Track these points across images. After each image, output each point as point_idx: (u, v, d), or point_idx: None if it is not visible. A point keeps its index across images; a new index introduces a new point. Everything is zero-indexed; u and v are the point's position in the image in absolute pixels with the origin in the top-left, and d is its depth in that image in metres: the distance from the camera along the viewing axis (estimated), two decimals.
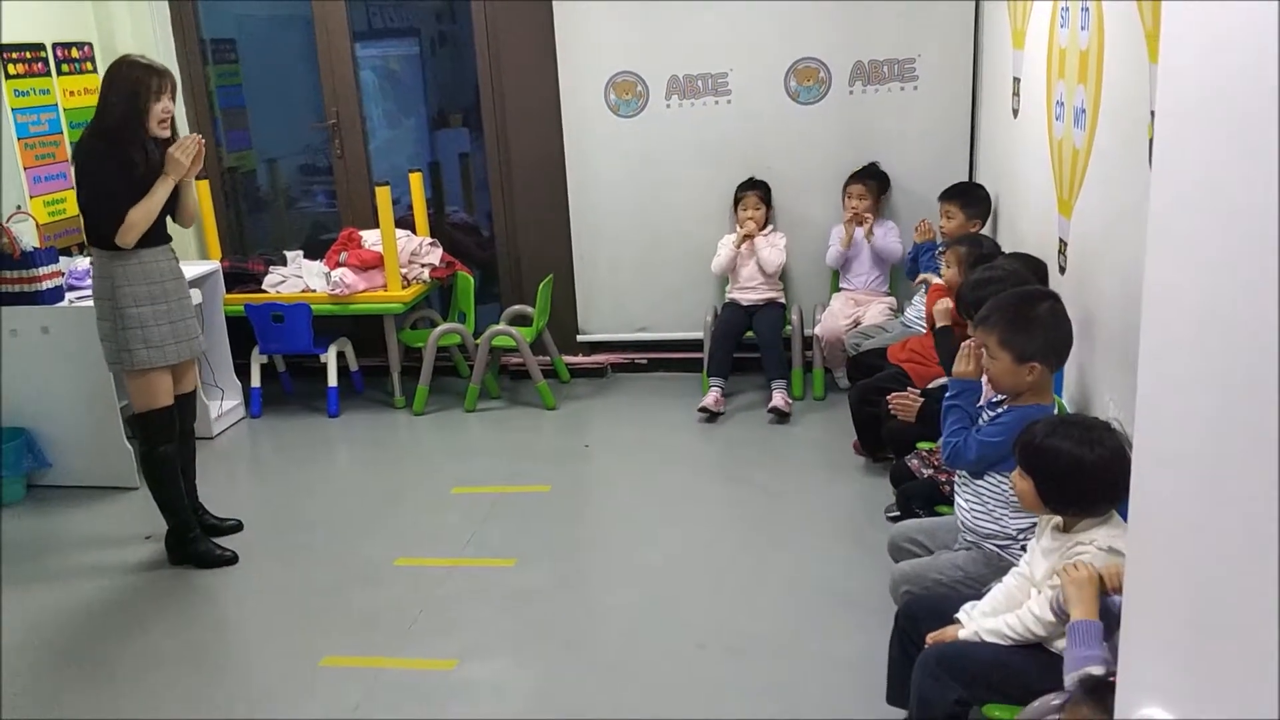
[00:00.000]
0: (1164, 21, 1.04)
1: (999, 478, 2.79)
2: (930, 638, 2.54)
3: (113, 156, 3.75)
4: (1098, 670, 1.93)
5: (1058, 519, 2.42)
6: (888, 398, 3.82)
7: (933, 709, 2.39)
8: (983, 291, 3.14)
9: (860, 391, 4.49)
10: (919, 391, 3.89)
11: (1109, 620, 2.05)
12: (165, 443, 4.00)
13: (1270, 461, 0.82)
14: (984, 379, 3.02)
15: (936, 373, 4.10)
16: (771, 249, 5.42)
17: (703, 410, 5.27)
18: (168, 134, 3.83)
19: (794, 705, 3.08)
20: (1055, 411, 2.82)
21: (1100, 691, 1.74)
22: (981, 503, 2.86)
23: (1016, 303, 2.87)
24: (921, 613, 2.69)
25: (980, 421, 2.95)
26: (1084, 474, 2.29)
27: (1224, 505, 0.91)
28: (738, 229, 5.48)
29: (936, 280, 4.39)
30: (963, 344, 3.06)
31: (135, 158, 3.76)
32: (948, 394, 3.04)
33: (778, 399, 5.19)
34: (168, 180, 3.81)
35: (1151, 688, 1.02)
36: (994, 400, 2.95)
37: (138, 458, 4.10)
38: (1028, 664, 2.35)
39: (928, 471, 3.54)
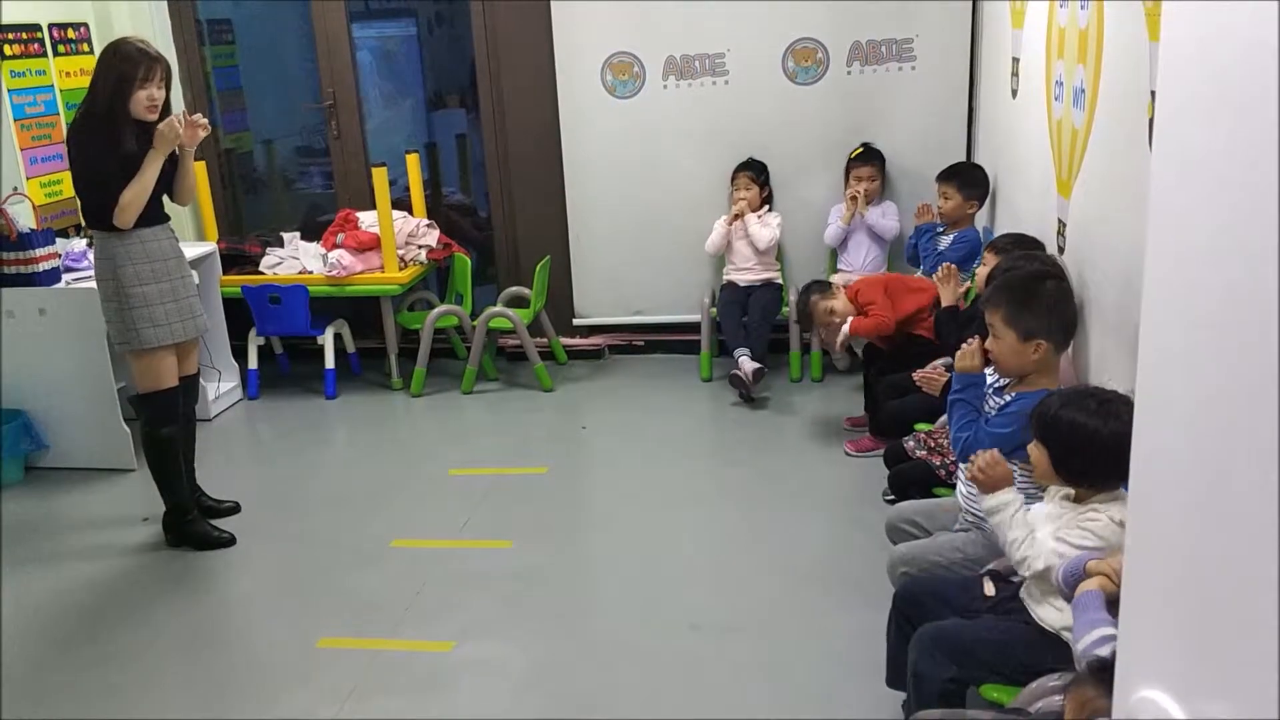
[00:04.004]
0: (1164, 5, 1.03)
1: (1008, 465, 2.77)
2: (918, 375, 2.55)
3: (103, 138, 3.73)
4: (1105, 631, 1.92)
5: (1069, 489, 2.42)
6: (914, 374, 3.79)
7: (927, 686, 2.40)
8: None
9: (880, 368, 4.48)
10: (948, 364, 3.85)
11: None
12: (169, 424, 3.99)
13: (1272, 441, 0.82)
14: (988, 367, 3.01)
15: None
16: (763, 226, 5.40)
17: (743, 378, 5.12)
18: (154, 119, 3.79)
19: (789, 685, 3.09)
20: None
21: (1106, 673, 1.74)
22: None
23: (1019, 281, 2.87)
24: (919, 594, 2.69)
25: (987, 409, 2.94)
26: (1098, 446, 2.26)
27: (1225, 486, 0.90)
28: (732, 209, 5.47)
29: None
30: (965, 341, 3.05)
31: (125, 139, 3.74)
32: (953, 389, 3.03)
33: (745, 366, 5.10)
34: (156, 155, 3.77)
35: (1151, 669, 1.02)
36: (998, 385, 2.94)
37: (140, 439, 4.09)
38: (1023, 643, 2.35)
39: (921, 453, 3.54)
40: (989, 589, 2.59)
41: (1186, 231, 0.97)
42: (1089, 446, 2.29)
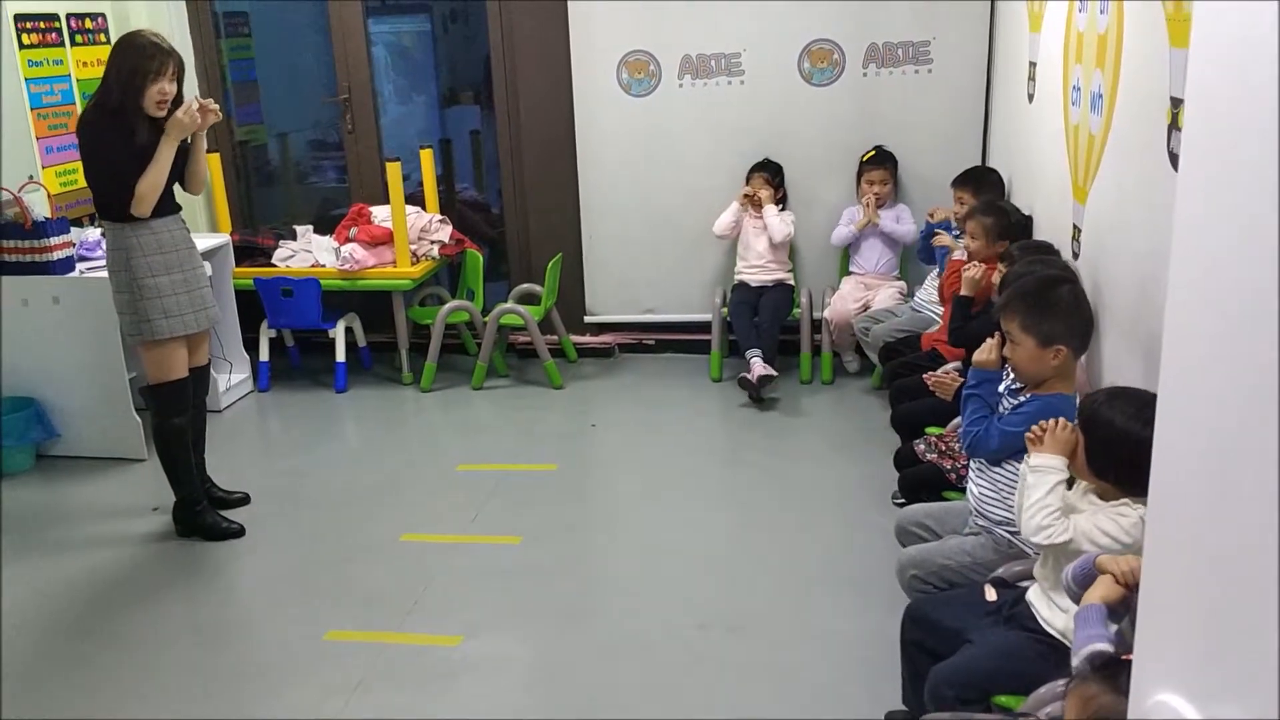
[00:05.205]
0: (1195, 11, 1.03)
1: (1017, 465, 2.77)
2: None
3: (114, 129, 3.73)
4: (1103, 647, 1.92)
5: (1095, 487, 2.41)
6: (925, 377, 3.78)
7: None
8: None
9: (894, 369, 4.46)
10: (958, 368, 3.83)
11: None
12: (179, 415, 4.00)
13: None
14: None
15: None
16: (780, 220, 5.39)
17: (755, 380, 5.08)
18: (164, 113, 3.78)
19: (795, 686, 3.08)
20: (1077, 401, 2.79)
21: (1109, 670, 1.73)
22: (995, 489, 2.85)
23: (1036, 287, 2.86)
24: (925, 616, 2.67)
25: (1000, 409, 2.93)
26: (1129, 448, 2.24)
27: (1244, 492, 0.90)
28: (750, 209, 5.47)
29: (958, 253, 4.35)
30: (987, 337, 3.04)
31: (137, 132, 3.75)
32: (968, 383, 3.03)
33: (756, 368, 5.09)
34: (169, 142, 3.78)
35: (1166, 674, 1.02)
36: (1013, 387, 2.93)
37: (151, 429, 4.11)
38: (1030, 658, 2.34)
39: (932, 456, 3.53)
40: (990, 594, 2.58)
41: (1212, 238, 0.97)
42: (1120, 447, 2.28)
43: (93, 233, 4.96)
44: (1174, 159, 2.46)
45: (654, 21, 5.53)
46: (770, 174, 5.49)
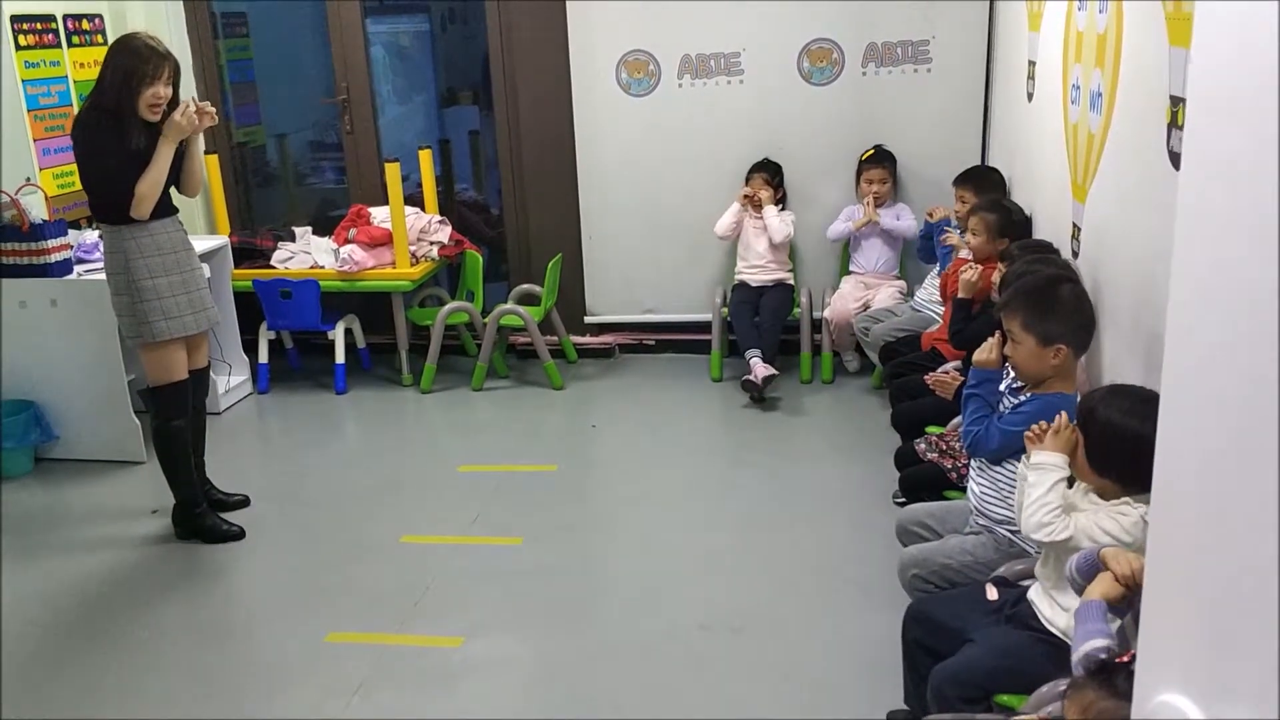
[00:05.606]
0: (1195, 11, 1.02)
1: (1017, 465, 2.76)
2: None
3: (111, 131, 3.71)
4: (1100, 643, 1.91)
5: (1096, 487, 2.41)
6: (925, 377, 3.77)
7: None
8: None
9: (894, 368, 4.46)
10: (959, 367, 3.82)
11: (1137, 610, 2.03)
12: (179, 417, 3.99)
13: None
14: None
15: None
16: (780, 220, 5.39)
17: (759, 381, 5.09)
18: (157, 118, 3.77)
19: (797, 686, 3.08)
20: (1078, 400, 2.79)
21: (1105, 674, 1.72)
22: (996, 489, 2.85)
23: (1037, 286, 2.86)
24: (928, 614, 2.67)
25: (1001, 408, 2.93)
26: (1129, 444, 2.24)
27: (1248, 490, 0.90)
28: (750, 209, 5.46)
29: (964, 252, 4.34)
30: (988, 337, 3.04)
31: (133, 135, 3.74)
32: (968, 383, 3.02)
33: (758, 369, 5.09)
34: (168, 143, 3.77)
35: (1171, 673, 1.01)
36: (1014, 386, 2.93)
37: (150, 431, 4.11)
38: (1032, 658, 2.34)
39: (933, 455, 3.53)
40: (991, 594, 2.58)
41: (1214, 237, 0.97)
42: (1120, 443, 2.28)
43: (90, 235, 4.95)
44: (1174, 158, 2.46)
45: (653, 21, 5.52)
46: (770, 174, 5.49)
